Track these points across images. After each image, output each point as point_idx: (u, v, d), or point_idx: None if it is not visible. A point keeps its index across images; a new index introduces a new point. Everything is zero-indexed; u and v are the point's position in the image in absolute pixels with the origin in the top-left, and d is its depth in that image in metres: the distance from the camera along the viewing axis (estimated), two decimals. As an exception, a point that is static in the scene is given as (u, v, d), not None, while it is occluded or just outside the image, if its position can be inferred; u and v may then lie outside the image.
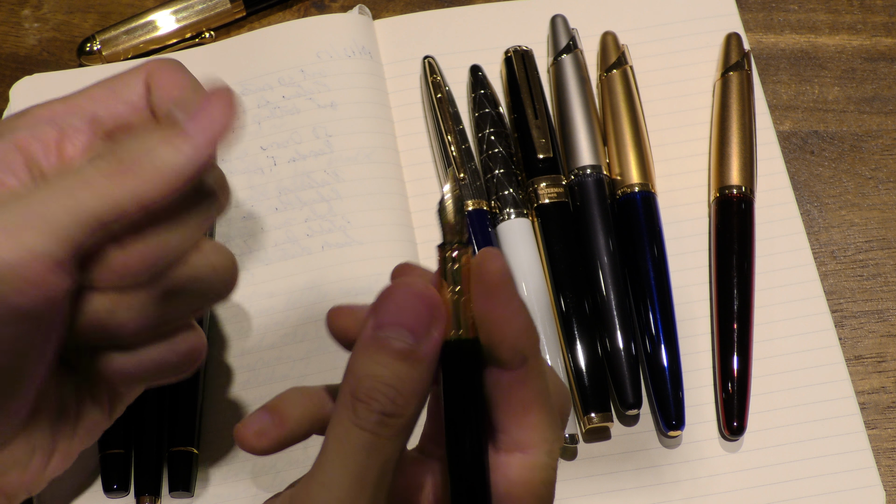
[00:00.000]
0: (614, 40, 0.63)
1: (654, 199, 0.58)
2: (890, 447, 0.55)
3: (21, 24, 0.66)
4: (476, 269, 0.36)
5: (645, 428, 0.55)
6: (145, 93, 0.41)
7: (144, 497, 0.52)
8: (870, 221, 0.61)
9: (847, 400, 0.55)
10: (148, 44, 0.64)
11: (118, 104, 0.41)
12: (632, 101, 0.60)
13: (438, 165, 0.60)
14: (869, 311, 0.58)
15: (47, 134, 0.40)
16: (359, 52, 0.62)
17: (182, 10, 0.64)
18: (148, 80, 0.42)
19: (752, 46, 0.65)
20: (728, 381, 0.54)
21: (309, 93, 0.61)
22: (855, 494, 0.53)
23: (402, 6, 0.66)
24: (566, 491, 0.53)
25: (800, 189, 0.61)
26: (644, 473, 0.54)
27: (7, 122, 0.41)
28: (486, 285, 0.36)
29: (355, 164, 0.59)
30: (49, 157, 0.40)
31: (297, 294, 0.56)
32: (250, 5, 0.65)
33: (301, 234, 0.58)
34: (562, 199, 0.58)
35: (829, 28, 0.66)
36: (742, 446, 0.54)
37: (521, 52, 0.62)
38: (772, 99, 0.64)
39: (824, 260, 0.60)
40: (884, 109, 0.64)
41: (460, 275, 0.36)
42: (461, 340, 0.36)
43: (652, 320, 0.55)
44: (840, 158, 0.62)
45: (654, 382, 0.54)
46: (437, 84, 0.61)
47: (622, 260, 0.57)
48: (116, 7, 0.66)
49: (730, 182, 0.58)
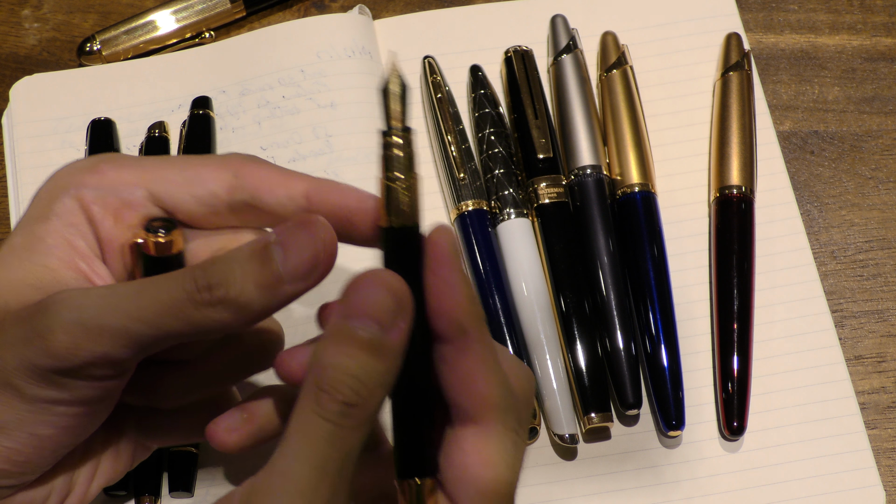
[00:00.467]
0: (614, 40, 0.63)
1: (654, 199, 0.58)
2: (890, 447, 0.55)
3: (21, 24, 0.66)
4: (428, 241, 0.36)
5: (645, 428, 0.55)
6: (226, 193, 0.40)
7: (144, 497, 0.52)
8: (870, 221, 0.61)
9: (847, 400, 0.55)
10: (148, 44, 0.64)
11: (187, 196, 0.40)
12: (632, 101, 0.60)
13: (438, 165, 0.60)
14: (869, 311, 0.58)
15: (110, 201, 0.40)
16: (359, 52, 0.62)
17: (182, 10, 0.64)
18: (237, 180, 0.40)
19: (752, 46, 0.65)
20: (728, 381, 0.54)
21: (309, 93, 0.61)
22: (855, 494, 0.53)
23: (402, 6, 0.67)
24: (566, 491, 0.53)
25: (800, 189, 0.61)
26: (644, 473, 0.54)
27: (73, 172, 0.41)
28: (434, 257, 0.36)
29: (355, 164, 0.59)
30: (106, 222, 0.40)
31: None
32: (250, 5, 0.65)
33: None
34: (562, 199, 0.58)
35: (829, 28, 0.66)
36: (742, 446, 0.54)
37: (521, 52, 0.62)
38: (772, 99, 0.64)
39: (824, 260, 0.60)
40: (884, 109, 0.64)
41: (404, 163, 0.36)
42: (394, 228, 0.36)
43: (652, 320, 0.55)
44: (840, 158, 0.62)
45: (654, 382, 0.54)
46: (437, 84, 0.61)
47: (622, 260, 0.57)
48: (116, 7, 0.66)
49: (730, 182, 0.58)
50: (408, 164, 0.36)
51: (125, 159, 0.41)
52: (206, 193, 0.40)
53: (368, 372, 0.35)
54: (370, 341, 0.35)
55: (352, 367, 0.35)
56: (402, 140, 0.36)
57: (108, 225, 0.40)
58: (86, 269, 0.39)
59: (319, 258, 0.37)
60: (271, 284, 0.36)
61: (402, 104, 0.36)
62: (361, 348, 0.35)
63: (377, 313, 0.35)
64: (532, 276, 0.56)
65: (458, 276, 0.36)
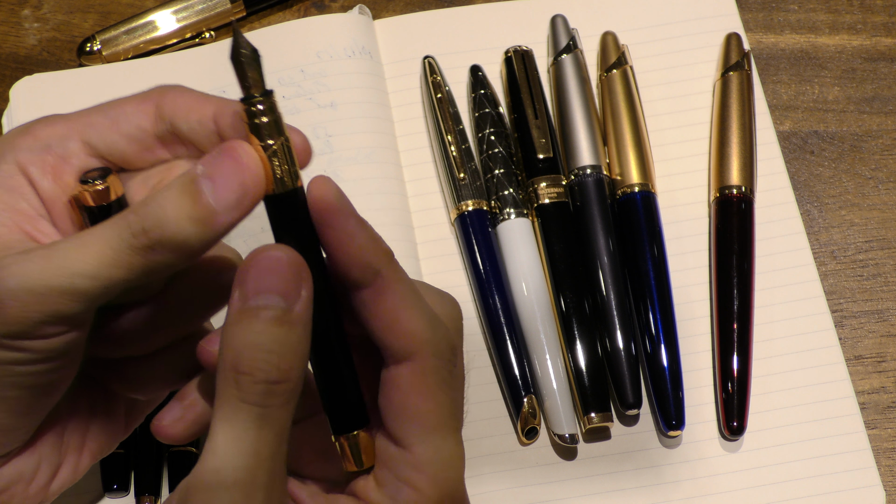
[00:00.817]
0: (614, 40, 0.63)
1: (654, 199, 0.58)
2: (890, 447, 0.55)
3: (21, 24, 0.66)
4: (310, 198, 0.36)
5: (645, 428, 0.55)
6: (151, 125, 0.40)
7: (144, 497, 0.52)
8: (870, 221, 0.61)
9: (847, 400, 0.55)
10: (148, 44, 0.64)
11: (114, 135, 0.40)
12: (632, 101, 0.60)
13: (438, 165, 0.60)
14: (869, 311, 0.58)
15: (44, 158, 0.40)
16: (359, 52, 0.62)
17: (182, 10, 0.64)
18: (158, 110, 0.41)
19: (752, 46, 0.65)
20: (728, 381, 0.54)
21: (309, 93, 0.61)
22: (855, 494, 0.53)
23: (402, 6, 0.67)
24: (566, 491, 0.53)
25: (800, 189, 0.61)
26: (644, 473, 0.54)
27: (8, 138, 0.41)
28: (321, 212, 0.36)
29: (355, 164, 0.59)
30: (45, 181, 0.40)
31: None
32: (250, 5, 0.65)
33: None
34: (562, 199, 0.58)
35: (829, 28, 0.66)
36: (742, 446, 0.54)
37: (521, 52, 0.62)
38: (772, 99, 0.64)
39: (824, 260, 0.60)
40: (884, 109, 0.64)
41: (272, 128, 0.36)
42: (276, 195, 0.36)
43: (652, 320, 0.55)
44: (840, 158, 0.62)
45: (654, 382, 0.54)
46: (437, 84, 0.61)
47: (622, 260, 0.57)
48: (116, 7, 0.66)
49: (730, 182, 0.58)
50: (276, 127, 0.36)
51: (56, 117, 0.41)
52: (134, 128, 0.40)
53: (283, 345, 0.35)
54: (277, 314, 0.35)
55: (266, 342, 0.35)
56: (266, 105, 0.36)
57: (47, 184, 0.40)
58: (31, 230, 0.39)
59: (247, 184, 0.36)
60: (205, 218, 0.36)
61: (257, 69, 0.36)
62: (271, 324, 0.35)
63: (278, 286, 0.35)
64: (532, 276, 0.56)
65: (353, 222, 0.36)
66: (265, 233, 0.58)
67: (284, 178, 0.36)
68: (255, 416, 0.35)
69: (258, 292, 0.35)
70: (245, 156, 0.36)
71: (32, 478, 0.42)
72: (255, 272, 0.35)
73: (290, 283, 0.35)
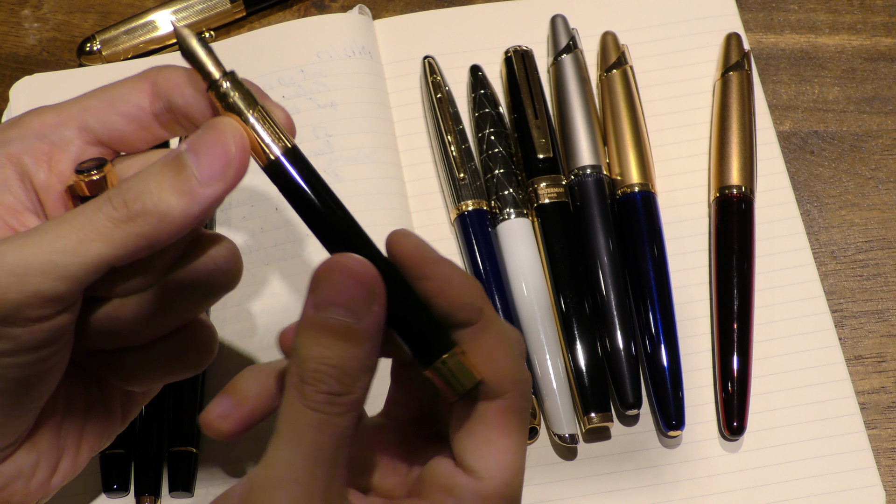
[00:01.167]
0: (614, 40, 0.63)
1: (654, 199, 0.58)
2: (890, 447, 0.55)
3: (21, 24, 0.66)
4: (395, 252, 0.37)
5: (645, 428, 0.55)
6: (149, 103, 0.41)
7: (144, 497, 0.52)
8: (870, 221, 0.61)
9: (847, 400, 0.55)
10: (148, 44, 0.64)
11: (112, 115, 0.40)
12: (632, 101, 0.60)
13: (438, 165, 0.60)
14: (869, 311, 0.58)
15: (38, 147, 0.40)
16: (359, 52, 0.62)
17: (182, 10, 0.64)
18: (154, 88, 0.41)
19: (752, 46, 0.65)
20: (728, 381, 0.54)
21: (309, 93, 0.61)
22: (855, 494, 0.53)
23: (402, 6, 0.66)
24: (566, 491, 0.53)
25: (800, 189, 0.61)
26: (644, 473, 0.54)
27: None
28: (413, 267, 0.36)
29: (355, 164, 0.59)
30: (40, 171, 0.40)
31: (297, 294, 0.56)
32: (250, 5, 0.65)
33: (301, 233, 0.58)
34: (562, 199, 0.58)
35: (829, 28, 0.66)
36: (742, 446, 0.54)
37: (521, 52, 0.62)
38: (772, 99, 0.64)
39: (824, 260, 0.60)
40: (884, 109, 0.64)
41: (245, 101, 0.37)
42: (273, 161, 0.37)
43: (652, 320, 0.55)
44: (840, 158, 0.62)
45: (654, 382, 0.54)
46: (437, 84, 0.61)
47: (622, 260, 0.57)
48: (116, 7, 0.66)
49: (730, 182, 0.58)
50: (249, 99, 0.37)
51: (47, 107, 0.41)
52: (131, 107, 0.40)
53: (347, 359, 0.35)
54: (345, 329, 0.35)
55: (330, 356, 0.35)
56: (231, 82, 0.37)
57: (42, 174, 0.40)
58: (14, 224, 0.39)
59: (231, 154, 0.36)
60: (187, 189, 0.36)
61: (210, 53, 0.37)
62: (338, 338, 0.35)
63: (348, 300, 0.35)
64: (532, 276, 0.56)
65: (445, 267, 0.37)
66: (265, 233, 0.58)
67: (273, 142, 0.37)
68: (316, 421, 0.35)
69: (328, 304, 0.35)
70: (227, 127, 0.37)
71: (32, 474, 0.42)
72: (328, 282, 0.35)
73: (361, 299, 0.35)
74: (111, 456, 0.52)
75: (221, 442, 0.53)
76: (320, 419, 0.35)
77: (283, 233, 0.58)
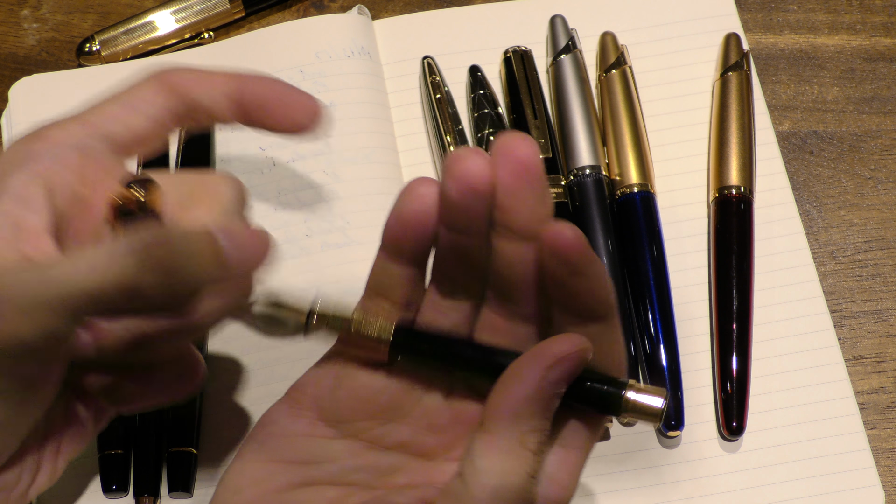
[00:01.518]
0: (613, 40, 0.63)
1: (654, 200, 0.58)
2: (889, 447, 0.55)
3: (20, 25, 0.66)
4: (559, 245, 0.37)
5: (645, 428, 0.55)
6: (166, 101, 0.41)
7: (144, 497, 0.52)
8: (869, 221, 0.61)
9: (846, 400, 0.55)
10: (147, 44, 0.64)
11: (136, 118, 0.41)
12: (631, 101, 0.60)
13: (438, 166, 0.60)
14: (868, 311, 0.58)
15: (70, 160, 0.39)
16: (358, 52, 0.62)
17: (181, 11, 0.64)
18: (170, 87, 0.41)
19: (752, 46, 0.65)
20: (727, 381, 0.54)
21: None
22: (855, 494, 0.53)
23: (402, 6, 0.66)
24: (566, 491, 0.53)
25: (799, 189, 0.61)
26: (644, 473, 0.54)
27: (21, 146, 0.40)
28: (575, 260, 0.37)
29: (354, 164, 0.59)
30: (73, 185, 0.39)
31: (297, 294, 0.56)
32: (249, 5, 0.65)
33: (300, 234, 0.57)
34: (561, 200, 0.58)
35: (829, 28, 0.66)
36: (742, 446, 0.54)
37: (521, 53, 0.62)
38: (771, 99, 0.64)
39: (823, 260, 0.60)
40: (883, 109, 0.64)
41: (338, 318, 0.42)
42: (398, 343, 0.40)
43: (651, 320, 0.55)
44: (839, 158, 0.62)
45: (654, 382, 0.54)
46: (437, 84, 0.61)
47: (621, 260, 0.57)
48: (116, 7, 0.66)
49: (729, 182, 0.58)
50: (340, 320, 0.41)
51: (65, 119, 0.41)
52: (152, 107, 0.41)
53: None
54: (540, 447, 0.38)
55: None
56: (317, 317, 0.41)
57: (75, 186, 0.39)
58: (29, 249, 0.38)
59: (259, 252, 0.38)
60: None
61: (286, 306, 0.41)
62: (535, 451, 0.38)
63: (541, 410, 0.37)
64: (531, 277, 0.56)
65: (599, 264, 0.37)
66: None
67: (381, 334, 0.41)
68: (530, 461, 0.37)
69: (555, 382, 0.37)
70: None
71: (14, 486, 0.42)
72: (560, 369, 0.37)
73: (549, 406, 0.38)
74: (110, 456, 0.52)
75: (221, 442, 0.53)
76: (530, 458, 0.38)
77: (281, 233, 0.58)
